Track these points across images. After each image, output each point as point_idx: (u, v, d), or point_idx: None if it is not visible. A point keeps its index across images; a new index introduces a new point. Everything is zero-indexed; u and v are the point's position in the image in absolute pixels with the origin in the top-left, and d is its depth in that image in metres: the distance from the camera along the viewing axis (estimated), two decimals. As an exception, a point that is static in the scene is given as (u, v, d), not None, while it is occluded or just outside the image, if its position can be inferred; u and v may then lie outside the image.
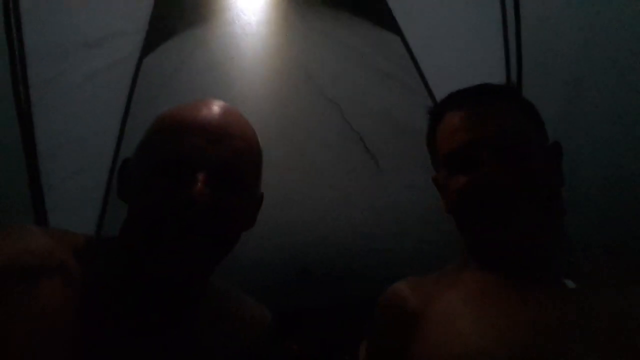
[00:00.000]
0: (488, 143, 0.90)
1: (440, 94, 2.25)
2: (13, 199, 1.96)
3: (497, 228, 0.88)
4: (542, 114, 1.00)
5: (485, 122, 0.93)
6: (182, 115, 0.85)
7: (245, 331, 0.93)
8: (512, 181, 0.87)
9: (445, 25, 2.09)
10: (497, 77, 2.09)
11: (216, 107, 0.87)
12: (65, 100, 2.07)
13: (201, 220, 0.77)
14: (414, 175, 1.77)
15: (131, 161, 0.88)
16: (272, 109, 2.08)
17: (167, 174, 0.79)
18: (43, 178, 2.02)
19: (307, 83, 2.09)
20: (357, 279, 2.20)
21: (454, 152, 0.95)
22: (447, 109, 1.01)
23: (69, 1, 1.94)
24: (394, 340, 0.94)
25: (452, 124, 0.97)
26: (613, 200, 1.60)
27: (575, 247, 0.94)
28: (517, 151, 0.90)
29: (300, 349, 2.12)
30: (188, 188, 0.76)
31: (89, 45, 2.03)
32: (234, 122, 0.87)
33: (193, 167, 0.79)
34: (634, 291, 0.82)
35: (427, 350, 0.87)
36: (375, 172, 2.37)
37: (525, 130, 0.93)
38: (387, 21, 2.11)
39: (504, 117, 0.94)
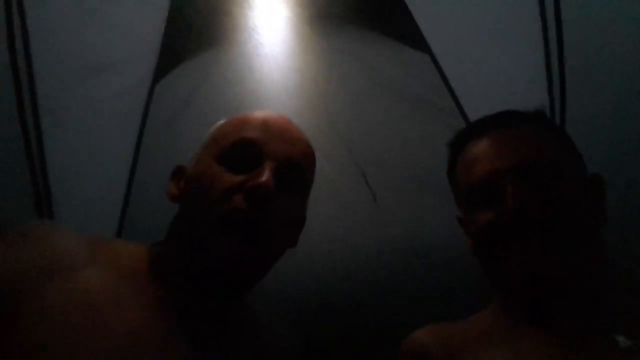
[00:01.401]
0: (512, 173, 0.81)
1: (475, 116, 2.11)
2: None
3: (513, 259, 0.78)
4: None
5: (509, 150, 0.84)
6: (250, 115, 0.87)
7: (276, 352, 0.90)
8: (540, 212, 0.77)
9: (479, 42, 1.90)
10: (538, 95, 1.89)
11: (280, 115, 0.89)
12: (76, 128, 2.00)
13: (267, 206, 0.76)
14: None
15: (187, 166, 0.88)
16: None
17: (233, 162, 0.79)
18: (55, 208, 1.94)
19: (321, 111, 1.92)
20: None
21: (475, 184, 0.85)
22: (468, 139, 0.92)
23: (78, 23, 1.86)
24: None
25: (472, 154, 0.88)
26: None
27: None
28: (545, 181, 0.80)
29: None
30: (257, 176, 0.76)
31: (100, 70, 1.95)
32: (297, 128, 0.89)
33: (260, 156, 0.79)
34: None
35: None
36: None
37: (555, 158, 0.83)
38: (415, 39, 1.94)
39: (531, 144, 0.84)
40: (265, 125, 0.83)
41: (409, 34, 1.93)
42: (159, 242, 0.85)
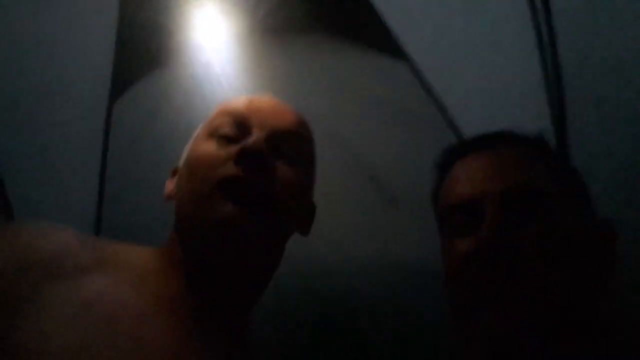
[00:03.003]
0: (497, 197, 0.70)
1: (465, 125, 1.86)
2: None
3: (481, 308, 0.66)
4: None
5: (498, 171, 0.74)
6: (236, 98, 0.86)
7: None
8: (522, 251, 0.65)
9: (463, 46, 1.64)
10: (534, 100, 1.64)
11: (271, 96, 0.88)
12: (33, 157, 1.88)
13: (258, 169, 0.73)
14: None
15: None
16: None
17: (223, 138, 0.78)
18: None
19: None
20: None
21: (453, 206, 0.76)
22: (455, 158, 0.83)
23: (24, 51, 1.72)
24: None
25: (457, 174, 0.80)
26: None
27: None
28: (536, 215, 0.68)
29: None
30: (246, 141, 0.74)
31: (53, 94, 1.82)
32: (288, 105, 0.88)
33: (249, 128, 0.78)
34: None
35: None
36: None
37: (551, 190, 0.71)
38: (390, 46, 1.70)
39: (524, 169, 0.74)
40: (251, 101, 0.83)
41: (382, 41, 1.69)
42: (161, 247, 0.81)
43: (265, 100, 0.86)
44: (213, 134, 0.80)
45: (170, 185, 0.87)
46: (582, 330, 0.67)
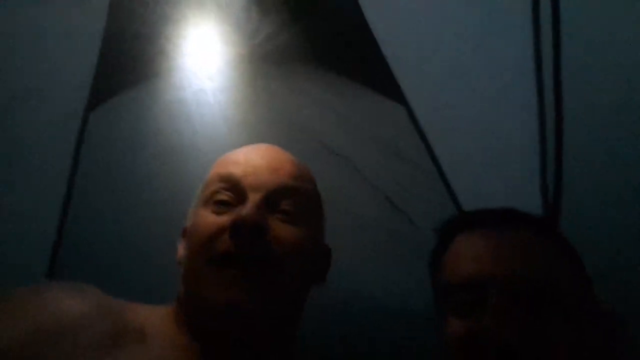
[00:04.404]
0: (501, 283, 0.69)
1: (455, 179, 1.83)
2: None
3: None
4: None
5: (503, 255, 0.73)
6: (234, 152, 0.86)
7: None
8: (524, 341, 0.65)
9: (462, 96, 1.61)
10: (529, 158, 1.62)
11: (266, 145, 0.88)
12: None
13: (254, 242, 0.71)
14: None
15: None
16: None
17: (219, 203, 0.77)
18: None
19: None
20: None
21: (455, 285, 0.75)
22: (458, 230, 0.83)
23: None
24: None
25: (460, 250, 0.79)
26: None
27: None
28: (540, 307, 0.67)
29: None
30: (239, 211, 0.73)
31: (27, 97, 1.69)
32: (286, 155, 0.86)
33: (244, 191, 0.77)
34: None
35: None
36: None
37: (556, 280, 0.70)
38: (389, 87, 1.65)
39: (530, 253, 0.73)
40: (246, 158, 0.82)
41: (382, 81, 1.64)
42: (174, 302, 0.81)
43: (261, 154, 0.84)
44: (209, 200, 0.79)
45: (180, 250, 0.85)
46: None
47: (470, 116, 1.65)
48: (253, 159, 0.82)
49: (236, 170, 0.80)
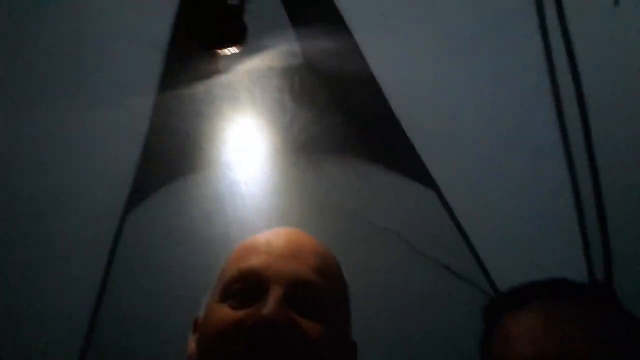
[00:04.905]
0: None
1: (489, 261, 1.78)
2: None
3: None
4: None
5: (558, 332, 0.69)
6: (252, 239, 0.80)
7: None
8: None
9: (492, 180, 1.62)
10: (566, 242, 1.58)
11: (289, 229, 0.82)
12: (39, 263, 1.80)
13: (277, 343, 0.65)
14: None
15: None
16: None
17: (237, 296, 0.71)
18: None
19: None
20: None
21: None
22: (507, 308, 0.79)
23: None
24: None
25: (513, 329, 0.75)
26: None
27: None
28: None
29: None
30: (260, 307, 0.67)
31: (64, 200, 1.76)
32: (310, 241, 0.80)
33: (265, 284, 0.71)
34: None
35: None
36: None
37: (618, 353, 0.67)
38: (419, 172, 1.67)
39: (592, 332, 0.69)
40: (269, 246, 0.77)
41: (412, 168, 1.67)
42: None
43: (282, 241, 0.78)
44: (227, 292, 0.73)
45: (192, 345, 0.79)
46: None
47: (504, 201, 1.65)
48: (274, 248, 0.77)
49: (257, 262, 0.75)
